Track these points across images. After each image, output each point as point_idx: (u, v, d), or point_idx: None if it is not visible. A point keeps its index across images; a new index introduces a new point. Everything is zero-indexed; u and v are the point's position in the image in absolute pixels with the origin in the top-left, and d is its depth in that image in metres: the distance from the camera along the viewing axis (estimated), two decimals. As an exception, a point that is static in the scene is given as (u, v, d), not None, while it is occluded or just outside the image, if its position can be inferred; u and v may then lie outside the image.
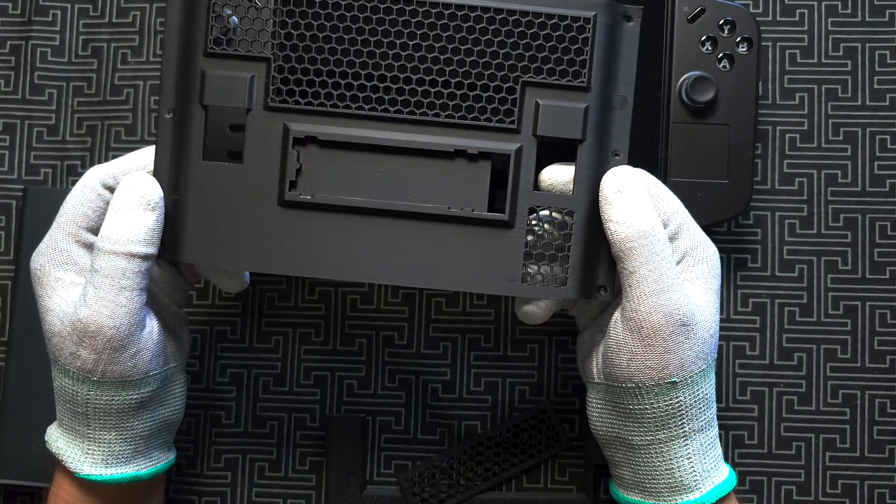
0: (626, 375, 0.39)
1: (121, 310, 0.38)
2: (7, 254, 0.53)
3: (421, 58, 0.39)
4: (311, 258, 0.40)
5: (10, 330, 0.50)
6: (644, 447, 0.40)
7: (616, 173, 0.39)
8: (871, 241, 0.51)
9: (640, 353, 0.38)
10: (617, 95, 0.40)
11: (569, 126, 0.39)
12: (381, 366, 0.52)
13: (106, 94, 0.53)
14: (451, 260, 0.40)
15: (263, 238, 0.40)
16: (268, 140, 0.40)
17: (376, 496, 0.50)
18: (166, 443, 0.44)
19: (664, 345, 0.38)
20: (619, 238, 0.38)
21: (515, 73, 0.39)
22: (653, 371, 0.38)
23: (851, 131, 0.51)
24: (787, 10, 0.52)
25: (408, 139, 0.40)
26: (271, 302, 0.52)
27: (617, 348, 0.39)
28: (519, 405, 0.51)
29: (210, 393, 0.52)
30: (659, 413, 0.39)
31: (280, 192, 0.40)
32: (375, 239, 0.40)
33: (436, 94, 0.39)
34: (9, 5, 0.54)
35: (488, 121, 0.39)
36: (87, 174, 0.41)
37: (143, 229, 0.39)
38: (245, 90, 0.39)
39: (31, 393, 0.49)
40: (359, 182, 0.40)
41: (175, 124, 0.40)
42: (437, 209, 0.40)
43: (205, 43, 0.39)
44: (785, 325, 0.51)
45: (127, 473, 0.41)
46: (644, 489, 0.41)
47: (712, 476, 0.40)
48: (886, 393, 0.50)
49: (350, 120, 0.40)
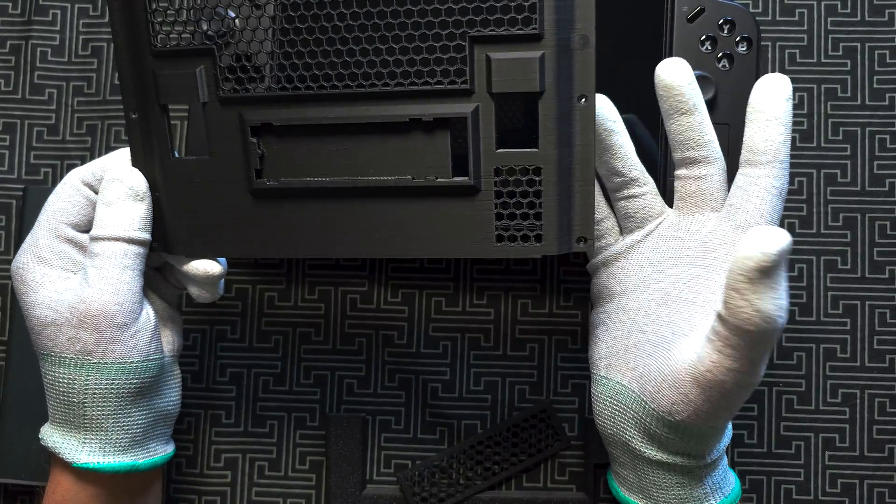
0: (671, 410, 0.37)
1: (124, 287, 0.40)
2: (7, 254, 0.53)
3: (362, 26, 0.37)
4: (286, 240, 0.40)
5: (10, 330, 0.51)
6: (657, 464, 0.39)
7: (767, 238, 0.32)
8: (871, 241, 0.51)
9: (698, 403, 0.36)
10: (575, 36, 0.37)
11: (524, 79, 0.37)
12: (380, 365, 0.52)
13: (106, 93, 0.53)
14: (422, 228, 0.39)
15: (239, 226, 0.41)
16: (228, 132, 0.40)
17: (376, 496, 0.50)
18: (164, 435, 0.44)
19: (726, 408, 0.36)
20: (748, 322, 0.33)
21: (461, 28, 0.37)
22: (702, 419, 0.36)
23: (851, 131, 0.51)
24: (786, 9, 0.52)
25: (361, 114, 0.38)
26: (271, 302, 0.52)
27: (675, 384, 0.36)
28: (519, 405, 0.51)
29: (210, 392, 0.52)
30: (687, 446, 0.38)
31: (248, 180, 0.40)
32: (346, 216, 0.40)
33: (382, 63, 0.38)
34: (9, 5, 0.54)
35: (440, 84, 0.37)
36: (68, 175, 0.42)
37: (137, 218, 0.40)
38: (195, 85, 0.39)
39: (31, 393, 0.49)
40: (322, 163, 0.39)
41: (140, 124, 0.41)
42: (401, 181, 0.39)
43: (150, 43, 0.39)
44: (785, 325, 0.51)
45: (125, 462, 0.41)
46: (650, 496, 0.40)
47: (723, 488, 0.40)
48: (886, 392, 0.50)
49: (302, 102, 0.39)
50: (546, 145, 0.38)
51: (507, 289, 0.52)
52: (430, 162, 0.39)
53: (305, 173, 0.40)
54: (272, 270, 0.52)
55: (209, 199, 0.41)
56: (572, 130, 0.38)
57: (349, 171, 0.39)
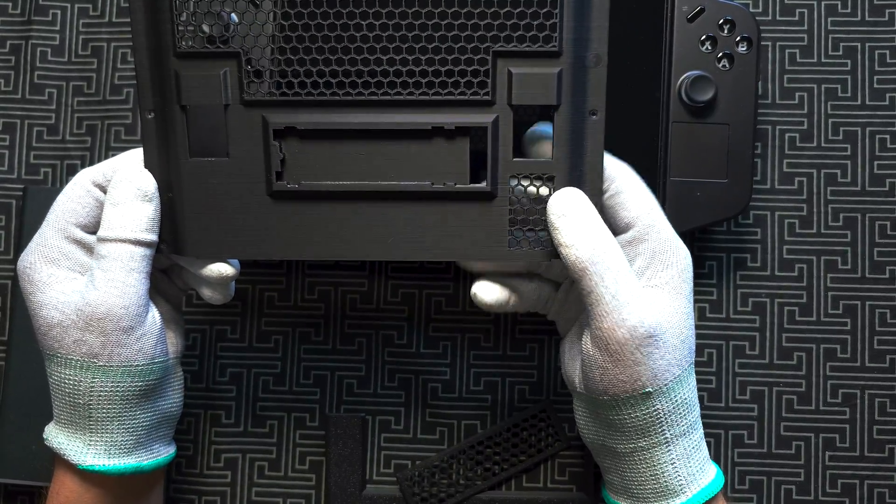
0: (600, 389, 0.39)
1: (130, 290, 0.39)
2: (7, 254, 0.53)
3: (389, 37, 0.39)
4: (303, 243, 0.41)
5: (10, 330, 0.51)
6: (628, 454, 0.40)
7: (558, 198, 0.39)
8: (871, 241, 0.51)
9: (611, 368, 0.38)
10: (590, 54, 0.39)
11: (543, 92, 0.39)
12: (380, 365, 0.52)
13: (106, 93, 0.53)
14: (438, 233, 0.40)
15: (257, 228, 0.41)
16: (249, 134, 0.40)
17: (376, 496, 0.50)
18: (167, 436, 0.44)
19: (632, 358, 0.38)
20: (570, 262, 0.38)
21: (486, 43, 0.39)
22: (625, 384, 0.38)
23: (851, 131, 0.51)
24: (786, 9, 0.52)
25: (385, 121, 0.40)
26: (271, 302, 0.52)
27: (590, 363, 0.39)
28: (519, 405, 0.51)
29: (210, 393, 0.52)
30: (637, 422, 0.39)
31: (268, 182, 0.40)
32: (363, 219, 0.41)
33: (408, 73, 0.39)
34: (9, 5, 0.54)
35: (463, 94, 0.39)
36: (78, 174, 0.42)
37: (144, 219, 0.40)
38: (220, 87, 0.40)
39: (31, 393, 0.49)
40: (342, 166, 0.40)
41: (157, 124, 0.41)
42: (419, 186, 0.40)
43: (173, 44, 0.39)
44: (785, 325, 0.51)
45: (130, 464, 0.41)
46: (632, 494, 0.41)
47: (698, 479, 0.40)
48: (886, 392, 0.50)
49: (327, 107, 0.40)
50: (559, 155, 0.39)
51: (506, 289, 0.52)
52: (449, 168, 0.40)
53: (325, 176, 0.40)
54: (272, 270, 0.52)
55: (226, 200, 0.41)
56: (584, 143, 0.40)
57: (369, 175, 0.40)
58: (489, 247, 0.40)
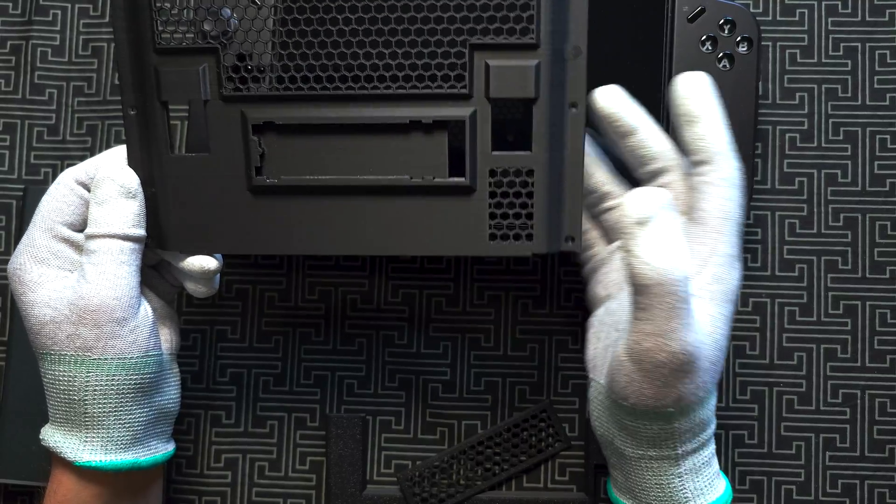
0: (623, 394, 0.38)
1: (121, 281, 0.40)
2: (7, 254, 0.53)
3: (366, 31, 0.39)
4: (284, 237, 0.41)
5: (10, 330, 0.51)
6: (636, 460, 0.40)
7: (636, 200, 0.35)
8: (871, 241, 0.51)
9: (638, 381, 0.37)
10: (569, 46, 0.38)
11: (521, 85, 0.38)
12: (381, 365, 0.52)
13: (106, 93, 0.53)
14: (418, 227, 0.40)
15: (238, 222, 0.41)
16: (229, 129, 0.40)
17: (376, 496, 0.50)
18: (165, 433, 0.44)
19: (664, 380, 0.37)
20: (635, 274, 0.35)
21: (462, 36, 0.38)
22: (649, 399, 0.37)
23: (851, 131, 0.51)
24: (787, 9, 0.52)
25: (363, 115, 0.40)
26: (271, 302, 0.52)
27: (619, 367, 0.38)
28: (519, 405, 0.51)
29: (210, 393, 0.52)
30: (651, 433, 0.38)
31: (248, 177, 0.41)
32: (343, 214, 0.41)
33: (385, 67, 0.39)
34: (9, 5, 0.54)
35: (440, 88, 0.39)
36: (62, 174, 0.42)
37: (130, 216, 0.40)
38: (198, 83, 0.40)
39: (31, 393, 0.49)
40: (322, 161, 0.40)
41: (139, 121, 0.41)
42: (398, 180, 0.40)
43: (153, 40, 0.40)
44: (785, 325, 0.51)
45: (126, 460, 0.41)
46: (635, 496, 0.41)
47: (706, 493, 0.40)
48: (886, 392, 0.50)
49: (305, 102, 0.40)
50: (539, 149, 0.39)
51: (507, 289, 0.52)
52: (428, 162, 0.40)
53: (305, 171, 0.40)
54: (272, 270, 0.52)
55: (207, 195, 0.41)
56: (564, 136, 0.39)
57: (348, 169, 0.40)
58: (469, 241, 0.40)
